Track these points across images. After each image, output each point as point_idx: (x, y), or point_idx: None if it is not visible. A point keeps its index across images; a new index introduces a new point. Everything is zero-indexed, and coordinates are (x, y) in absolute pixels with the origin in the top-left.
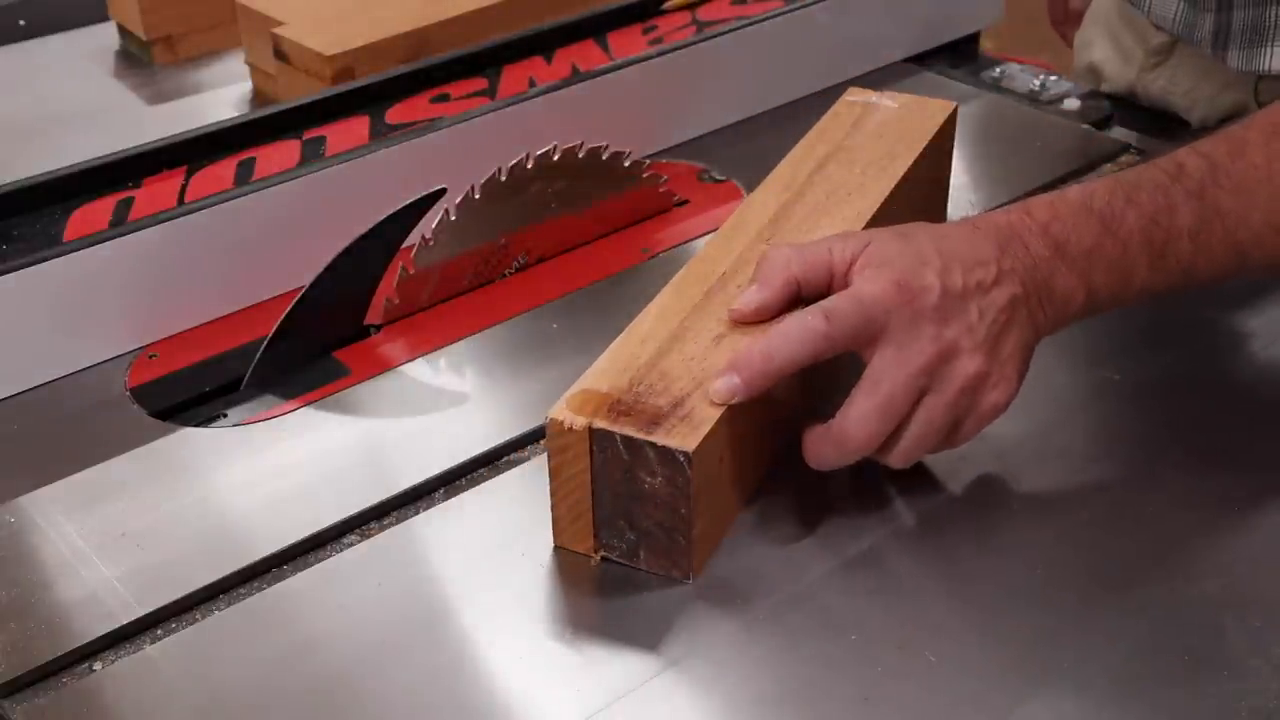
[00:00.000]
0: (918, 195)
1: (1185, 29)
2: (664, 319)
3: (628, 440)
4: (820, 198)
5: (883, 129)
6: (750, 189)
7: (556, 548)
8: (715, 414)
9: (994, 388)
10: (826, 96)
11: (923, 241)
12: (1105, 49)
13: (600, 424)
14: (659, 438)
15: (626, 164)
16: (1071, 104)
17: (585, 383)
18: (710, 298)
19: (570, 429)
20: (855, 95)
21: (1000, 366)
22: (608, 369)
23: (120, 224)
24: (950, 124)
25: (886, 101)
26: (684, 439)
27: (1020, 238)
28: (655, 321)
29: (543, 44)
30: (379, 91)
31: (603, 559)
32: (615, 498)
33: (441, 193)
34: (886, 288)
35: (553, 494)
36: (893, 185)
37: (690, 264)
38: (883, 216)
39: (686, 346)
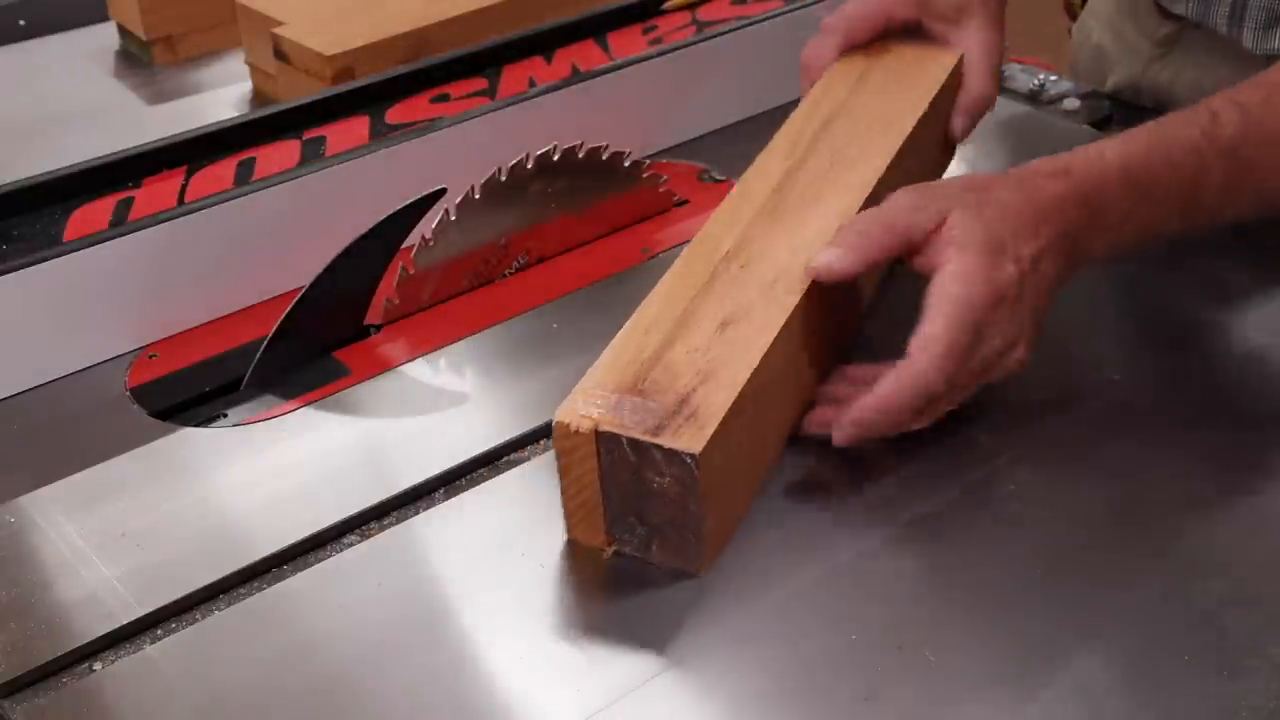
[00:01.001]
0: (925, 151)
1: (1200, 9)
2: (669, 304)
3: (634, 443)
4: (824, 164)
5: (887, 84)
6: None
7: (559, 545)
8: (721, 411)
9: (1017, 363)
10: None
11: (994, 220)
12: (1105, 38)
13: (606, 427)
14: (664, 440)
15: (626, 164)
16: (1071, 104)
17: (590, 380)
18: (715, 279)
19: (576, 431)
20: (857, 49)
21: (1027, 343)
22: (612, 364)
23: (120, 224)
24: (955, 75)
25: (889, 55)
26: (690, 440)
27: (1063, 210)
28: (660, 307)
29: (543, 44)
30: (379, 91)
31: (615, 553)
32: (625, 496)
33: (441, 193)
34: (983, 292)
35: (563, 491)
36: (898, 145)
37: (695, 241)
38: (887, 182)
39: (691, 336)
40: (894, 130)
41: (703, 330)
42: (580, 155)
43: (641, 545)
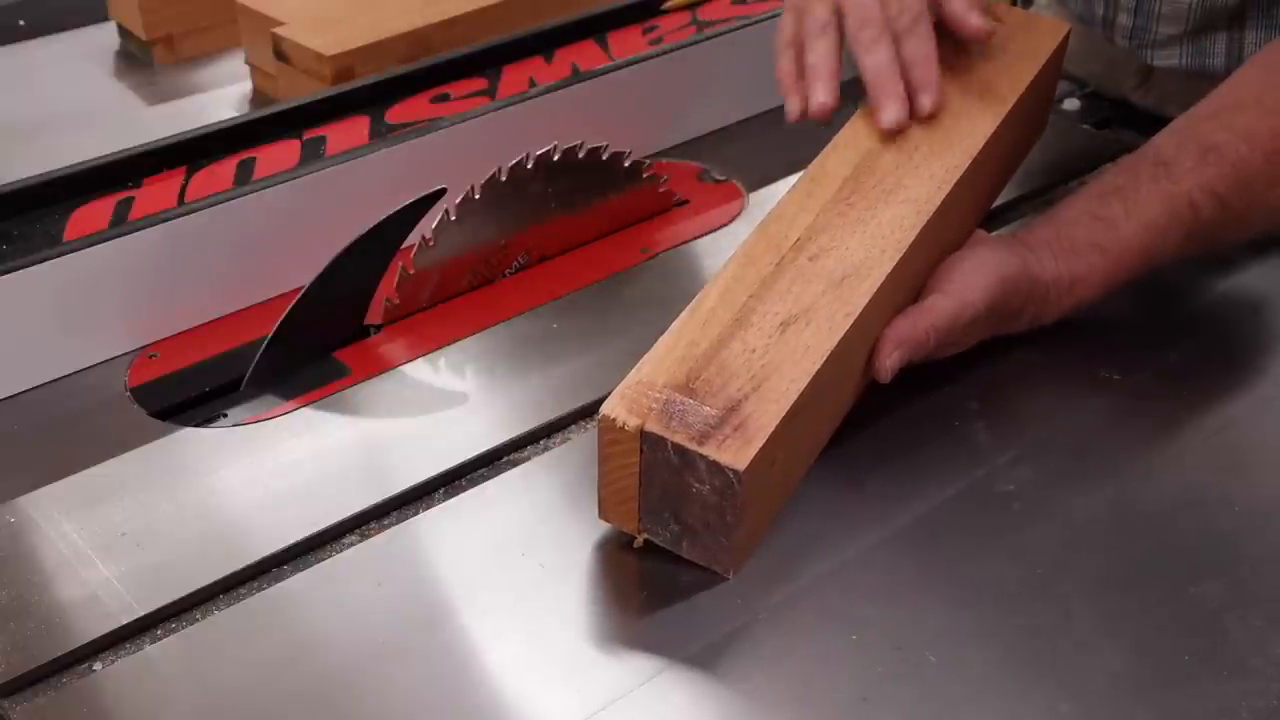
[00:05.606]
0: (1017, 130)
1: (1194, 60)
2: (730, 294)
3: (679, 448)
4: (909, 147)
5: (989, 52)
6: (750, 189)
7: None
8: (770, 426)
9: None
10: None
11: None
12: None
13: (653, 428)
14: (710, 451)
15: (626, 164)
16: (1071, 104)
17: (641, 372)
18: (781, 270)
19: (622, 427)
20: None
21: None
22: (665, 356)
23: (120, 224)
24: (1061, 49)
25: (991, 20)
26: (735, 455)
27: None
28: (720, 298)
29: (543, 44)
30: (379, 91)
31: (646, 542)
32: (663, 494)
33: (441, 193)
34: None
35: (600, 476)
36: (991, 130)
37: (766, 221)
38: (971, 174)
39: (749, 335)
40: (989, 112)
41: (762, 329)
42: (580, 155)
43: (673, 540)
